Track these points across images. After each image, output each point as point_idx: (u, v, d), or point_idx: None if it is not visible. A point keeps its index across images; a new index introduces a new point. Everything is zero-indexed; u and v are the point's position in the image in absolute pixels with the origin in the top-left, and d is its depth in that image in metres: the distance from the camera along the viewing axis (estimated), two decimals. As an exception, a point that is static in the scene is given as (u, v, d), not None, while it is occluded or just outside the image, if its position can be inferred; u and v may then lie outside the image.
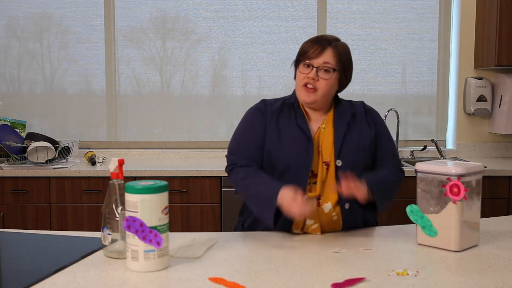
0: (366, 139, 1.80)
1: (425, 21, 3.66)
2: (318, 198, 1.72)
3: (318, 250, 1.51)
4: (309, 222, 1.71)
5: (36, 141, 3.24)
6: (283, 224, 1.70)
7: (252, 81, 3.66)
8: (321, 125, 1.79)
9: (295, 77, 1.83)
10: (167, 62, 3.67)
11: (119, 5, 3.63)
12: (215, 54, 3.66)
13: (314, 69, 1.74)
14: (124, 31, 3.65)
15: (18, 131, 3.42)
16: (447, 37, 3.67)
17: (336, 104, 1.86)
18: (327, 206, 1.71)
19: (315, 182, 1.72)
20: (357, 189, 1.60)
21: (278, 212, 1.61)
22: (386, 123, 3.45)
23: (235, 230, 1.94)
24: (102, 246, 1.43)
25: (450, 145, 3.69)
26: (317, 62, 1.74)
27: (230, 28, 3.64)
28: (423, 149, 3.56)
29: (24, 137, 3.35)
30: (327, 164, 1.73)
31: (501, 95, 3.45)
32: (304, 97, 1.76)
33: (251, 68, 3.65)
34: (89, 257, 1.42)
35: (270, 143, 1.77)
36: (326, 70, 1.75)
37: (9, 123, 3.41)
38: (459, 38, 3.57)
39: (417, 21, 3.65)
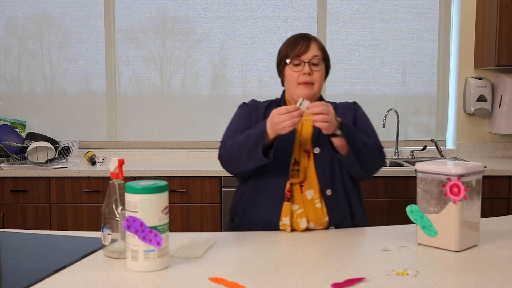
0: None
1: (425, 21, 3.66)
2: (301, 184, 1.79)
3: (318, 250, 1.51)
4: (294, 207, 1.76)
5: (36, 141, 3.24)
6: (269, 211, 1.75)
7: (252, 81, 3.66)
8: (304, 118, 1.83)
9: (282, 82, 1.93)
10: (167, 62, 3.67)
11: (119, 5, 3.63)
12: (215, 54, 3.66)
13: (306, 64, 1.82)
14: (124, 31, 3.65)
15: (18, 131, 3.43)
16: (447, 37, 3.67)
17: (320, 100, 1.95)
18: (310, 193, 1.78)
19: (298, 170, 1.80)
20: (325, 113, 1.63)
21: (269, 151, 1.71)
22: (386, 123, 3.48)
23: (226, 228, 1.97)
24: (102, 246, 1.43)
25: (450, 145, 3.69)
26: (307, 57, 1.83)
27: (230, 28, 3.64)
28: (423, 149, 3.56)
29: (24, 137, 3.35)
30: (308, 152, 1.82)
31: (501, 95, 3.45)
32: (304, 92, 1.83)
33: (251, 68, 3.65)
34: (89, 257, 1.42)
35: None
36: (315, 64, 1.83)
37: (9, 123, 3.42)
38: (459, 38, 3.57)
39: (417, 21, 3.66)
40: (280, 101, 1.94)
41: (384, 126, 3.45)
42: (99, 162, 3.23)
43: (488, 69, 3.52)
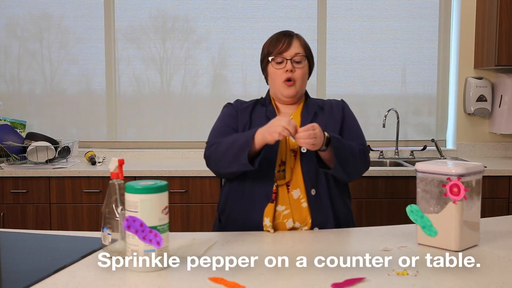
0: (334, 126, 1.86)
1: (425, 21, 3.66)
2: (288, 184, 1.79)
3: (318, 250, 1.51)
4: (280, 208, 1.76)
5: (36, 141, 3.24)
6: (254, 212, 1.75)
7: (252, 81, 3.66)
8: (289, 116, 1.88)
9: (266, 80, 1.96)
10: (167, 62, 3.67)
11: (119, 5, 3.63)
12: (215, 54, 3.66)
13: (289, 61, 1.83)
14: (124, 31, 3.65)
15: (18, 131, 3.42)
16: (447, 37, 3.66)
17: (306, 98, 1.96)
18: (296, 192, 1.78)
19: (284, 170, 1.80)
20: (310, 133, 1.62)
21: (255, 157, 1.70)
22: (386, 123, 3.48)
23: (213, 227, 1.96)
24: (102, 246, 1.43)
25: (450, 145, 3.69)
26: (289, 54, 1.85)
27: (230, 28, 3.64)
28: (423, 149, 3.56)
29: (24, 137, 3.35)
30: (295, 152, 1.81)
31: (501, 95, 3.45)
32: (286, 91, 1.86)
33: (251, 68, 3.65)
34: (89, 257, 1.42)
35: (240, 130, 1.86)
36: (298, 61, 1.85)
37: (9, 123, 3.41)
38: (459, 38, 3.57)
39: (417, 21, 3.65)
40: (265, 100, 1.95)
41: (384, 126, 3.45)
42: (99, 162, 3.23)
43: (488, 69, 3.52)
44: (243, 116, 1.90)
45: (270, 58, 1.87)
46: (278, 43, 1.85)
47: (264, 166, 1.77)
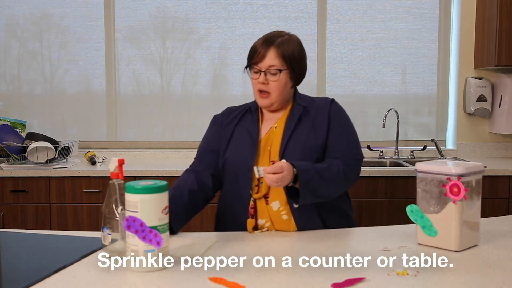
0: (318, 135, 1.77)
1: (425, 21, 3.65)
2: (266, 196, 1.74)
3: (318, 250, 1.51)
4: (260, 221, 1.73)
5: (36, 141, 3.24)
6: (237, 226, 1.74)
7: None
8: (274, 125, 1.82)
9: None
10: (167, 62, 3.67)
11: (119, 5, 3.63)
12: (215, 54, 3.66)
13: (262, 73, 1.76)
14: (124, 31, 3.65)
15: (18, 131, 3.42)
16: (447, 37, 3.66)
17: (294, 101, 1.86)
18: (275, 204, 1.73)
19: (262, 182, 1.73)
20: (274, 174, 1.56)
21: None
22: (386, 123, 3.48)
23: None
24: (102, 246, 1.43)
25: (450, 145, 3.69)
26: (263, 65, 1.77)
27: (230, 28, 3.64)
28: (423, 149, 3.56)
29: (24, 137, 3.35)
30: (274, 163, 1.72)
31: (501, 95, 3.45)
32: (260, 102, 1.81)
33: (251, 68, 3.64)
34: (89, 257, 1.42)
35: (222, 149, 1.83)
36: (272, 73, 1.76)
37: (9, 123, 3.41)
38: (459, 38, 3.57)
39: (417, 21, 3.65)
40: (251, 107, 1.88)
41: (384, 126, 3.45)
42: (99, 162, 3.23)
43: (488, 69, 3.52)
44: (227, 130, 1.85)
45: (247, 67, 1.82)
46: (255, 52, 1.78)
47: (242, 181, 1.74)
